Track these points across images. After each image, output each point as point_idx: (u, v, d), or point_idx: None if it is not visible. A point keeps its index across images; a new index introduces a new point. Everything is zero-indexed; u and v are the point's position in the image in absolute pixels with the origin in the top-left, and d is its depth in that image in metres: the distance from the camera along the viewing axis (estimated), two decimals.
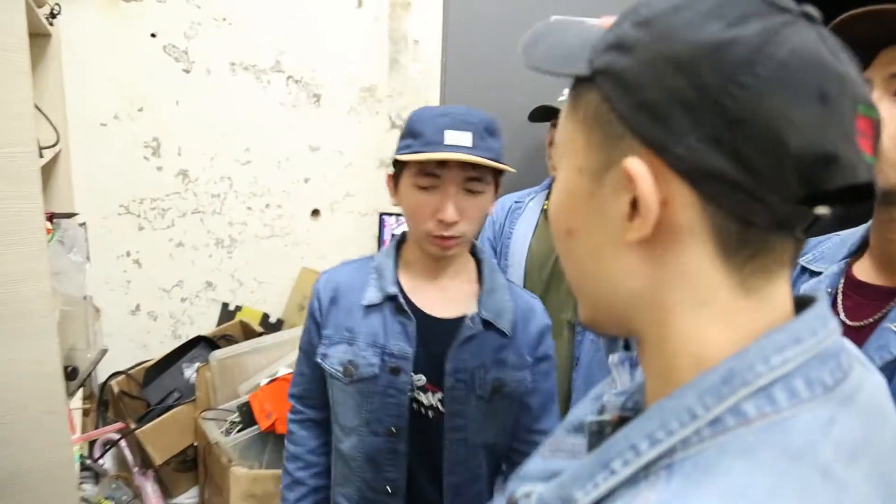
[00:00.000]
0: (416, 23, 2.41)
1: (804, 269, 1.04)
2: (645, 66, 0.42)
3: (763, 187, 0.40)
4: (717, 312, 0.44)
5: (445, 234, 1.09)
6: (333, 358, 1.17)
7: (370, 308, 1.17)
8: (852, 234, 0.99)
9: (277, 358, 1.98)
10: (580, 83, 0.47)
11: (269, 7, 2.25)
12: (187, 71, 2.21)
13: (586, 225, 0.48)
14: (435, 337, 1.15)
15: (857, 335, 0.87)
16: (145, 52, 2.15)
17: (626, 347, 0.62)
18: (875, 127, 0.42)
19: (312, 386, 1.26)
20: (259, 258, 2.43)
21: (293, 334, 2.01)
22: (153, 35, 2.15)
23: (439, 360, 1.14)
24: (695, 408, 0.41)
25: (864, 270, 0.94)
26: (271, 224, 2.42)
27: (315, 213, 2.47)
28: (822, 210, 0.42)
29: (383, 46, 2.41)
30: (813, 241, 1.08)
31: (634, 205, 0.43)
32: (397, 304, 1.16)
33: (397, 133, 2.48)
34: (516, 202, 1.86)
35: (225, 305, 2.44)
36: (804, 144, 0.39)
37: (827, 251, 1.03)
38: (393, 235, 2.24)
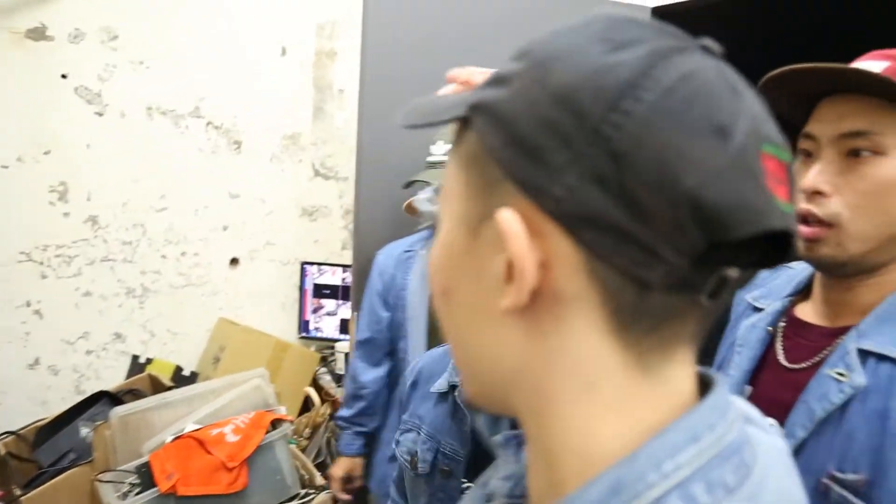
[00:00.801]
0: (342, 71, 2.42)
1: (750, 307, 0.98)
2: (519, 97, 0.37)
3: (657, 237, 0.34)
4: (608, 399, 0.37)
5: None
6: (403, 446, 1.05)
7: (439, 396, 1.04)
8: (800, 272, 0.94)
9: (186, 413, 1.86)
10: (463, 125, 0.42)
11: (189, 52, 2.22)
12: (100, 114, 2.14)
13: (462, 285, 0.41)
14: None
15: (795, 378, 0.82)
16: (55, 94, 2.07)
17: (514, 426, 0.56)
18: (788, 171, 0.37)
19: None
20: (173, 308, 2.32)
21: (203, 388, 1.91)
22: (64, 76, 2.08)
23: None
24: None
25: (808, 311, 0.88)
26: (187, 273, 2.32)
27: (234, 261, 2.39)
28: (730, 271, 0.36)
29: (308, 94, 2.40)
30: (764, 275, 1.02)
31: (510, 268, 0.36)
32: (456, 395, 1.03)
33: (321, 181, 2.46)
34: (406, 251, 1.77)
35: (135, 358, 2.31)
36: (701, 184, 0.33)
37: (775, 288, 0.97)
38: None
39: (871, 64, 0.78)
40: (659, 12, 2.02)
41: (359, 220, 1.97)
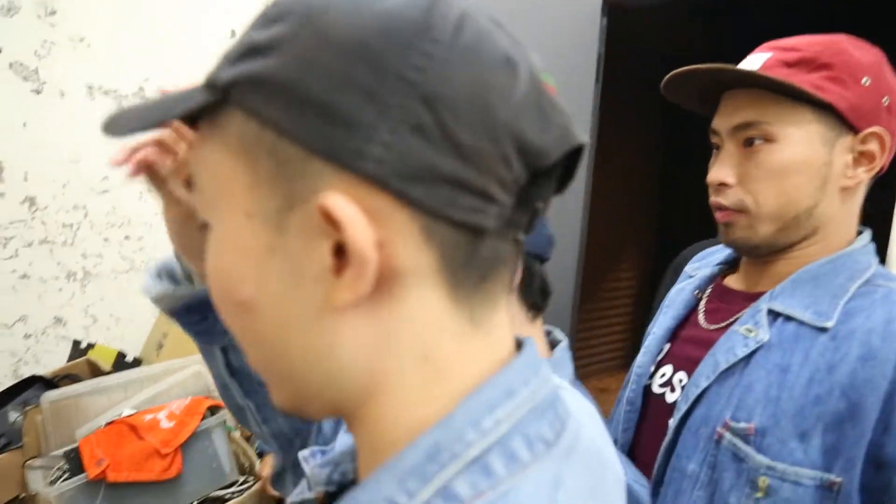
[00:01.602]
0: None
1: (688, 276, 1.04)
2: (296, 60, 0.32)
3: (487, 176, 0.33)
4: (442, 365, 0.36)
5: None
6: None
7: None
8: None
9: (122, 399, 1.82)
10: (212, 112, 0.36)
11: (133, 30, 2.16)
12: (37, 91, 2.07)
13: (270, 290, 0.35)
14: None
15: (710, 336, 0.87)
16: None
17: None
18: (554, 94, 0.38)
19: None
20: (116, 293, 2.27)
21: (140, 374, 1.87)
22: None
23: None
24: (396, 497, 0.33)
25: (733, 280, 0.94)
26: (130, 257, 2.27)
27: None
28: (539, 203, 0.37)
29: None
30: (704, 251, 1.10)
31: (338, 251, 0.33)
32: None
33: None
34: None
35: (76, 343, 2.25)
36: (514, 115, 0.33)
37: (710, 259, 1.03)
38: None
39: (756, 57, 0.82)
40: (609, 4, 2.01)
41: None
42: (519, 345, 0.40)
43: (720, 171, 0.83)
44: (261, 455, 1.81)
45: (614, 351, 4.21)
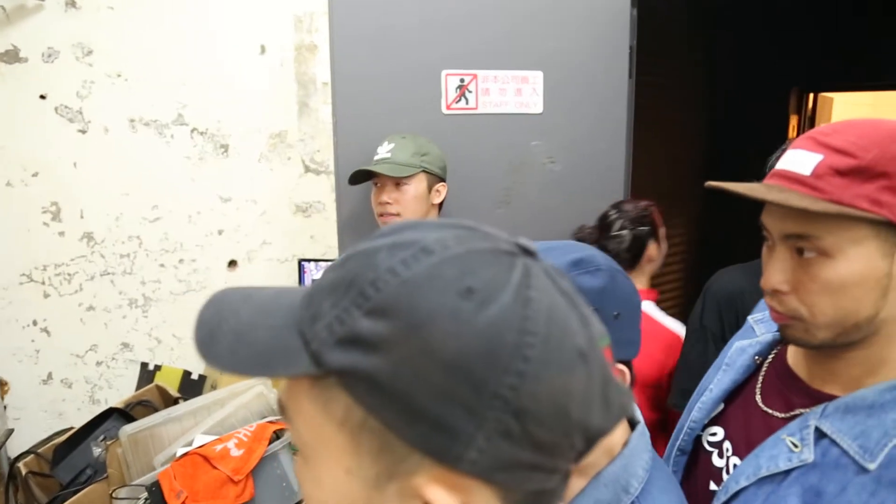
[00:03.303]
0: (324, 65, 2.38)
1: (750, 328, 1.00)
2: (403, 367, 0.36)
3: (557, 460, 0.40)
4: None
5: None
6: None
7: None
8: None
9: (193, 425, 1.92)
10: (313, 377, 0.40)
11: (166, 60, 2.19)
12: (83, 131, 2.13)
13: None
14: None
15: (765, 422, 0.85)
16: (35, 116, 2.07)
17: None
18: (610, 351, 0.45)
19: None
20: (176, 314, 2.36)
21: (207, 400, 1.96)
22: (42, 97, 2.07)
23: None
24: None
25: (796, 354, 0.89)
26: (186, 279, 2.36)
27: (232, 263, 2.41)
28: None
29: (291, 91, 2.37)
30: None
31: None
32: None
33: (311, 177, 2.45)
34: None
35: (144, 365, 2.37)
36: (585, 411, 0.39)
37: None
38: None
39: (804, 157, 0.75)
40: None
41: (341, 216, 1.98)
42: None
43: (773, 276, 0.79)
44: None
45: None
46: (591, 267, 0.78)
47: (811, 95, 4.39)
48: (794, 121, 4.27)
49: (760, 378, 0.92)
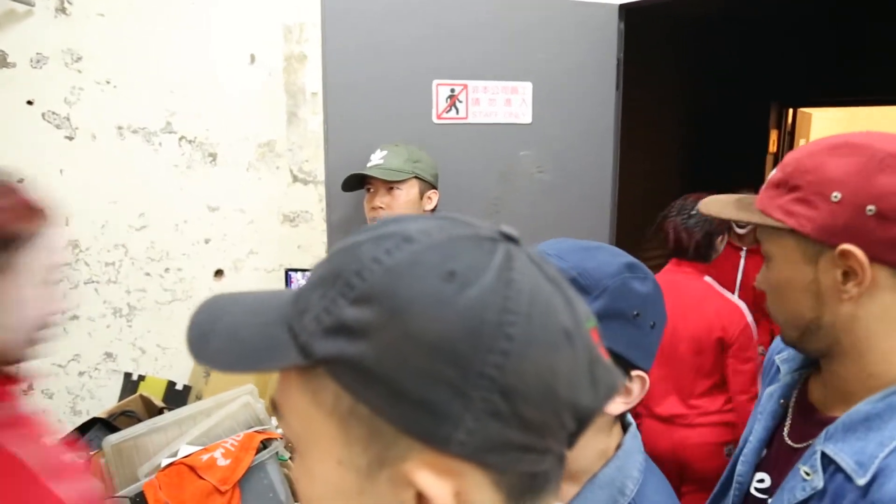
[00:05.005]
0: (313, 75, 2.39)
1: (777, 368, 1.02)
2: (387, 351, 0.37)
3: (548, 440, 0.40)
4: None
5: None
6: None
7: None
8: None
9: (178, 435, 1.89)
10: (301, 368, 0.40)
11: (155, 67, 2.19)
12: (70, 138, 2.12)
13: None
14: None
15: (794, 456, 0.86)
16: (22, 121, 2.05)
17: None
18: (598, 332, 0.45)
19: None
20: (161, 324, 2.34)
21: (192, 410, 1.94)
22: (30, 102, 2.06)
23: None
24: None
25: (815, 389, 0.91)
26: (172, 288, 2.34)
27: (218, 273, 2.40)
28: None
29: (280, 100, 2.38)
30: None
31: (420, 497, 0.39)
32: None
33: (299, 187, 2.45)
34: None
35: (128, 375, 2.34)
36: (573, 390, 0.39)
37: (795, 352, 0.99)
38: None
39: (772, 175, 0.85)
40: (627, 8, 1.98)
41: (331, 225, 1.98)
42: None
43: (758, 278, 0.89)
44: None
45: None
46: (641, 273, 0.80)
47: (790, 111, 4.48)
48: (773, 135, 4.36)
49: (788, 419, 0.93)
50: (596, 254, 0.80)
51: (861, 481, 0.72)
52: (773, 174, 0.83)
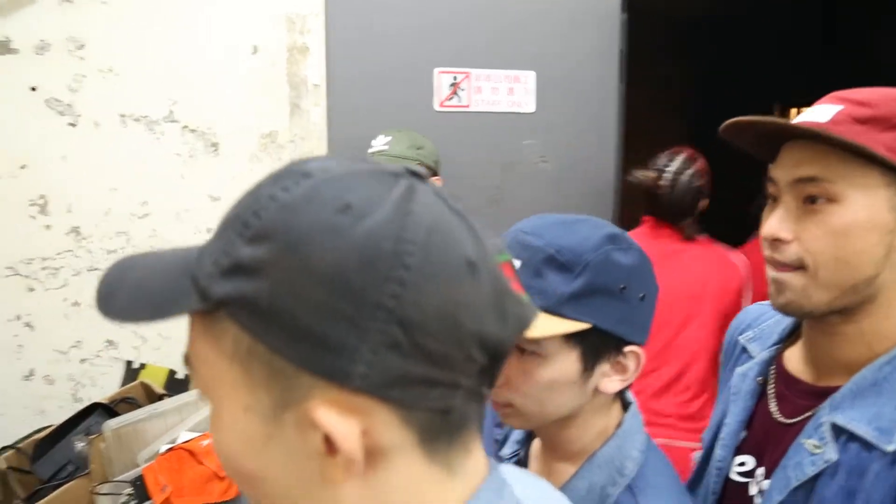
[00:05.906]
0: (316, 66, 2.39)
1: (743, 349, 0.98)
2: (282, 288, 0.36)
3: (455, 373, 0.39)
4: None
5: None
6: None
7: None
8: (786, 318, 0.92)
9: (178, 422, 1.90)
10: (203, 314, 0.40)
11: (159, 56, 2.19)
12: (73, 125, 2.12)
13: (273, 469, 0.41)
14: None
15: (789, 432, 0.82)
16: (25, 107, 2.06)
17: None
18: (511, 267, 0.43)
19: None
20: None
21: (192, 397, 1.94)
22: (33, 89, 2.06)
23: None
24: None
25: (795, 361, 0.88)
26: None
27: None
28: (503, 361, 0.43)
29: (283, 91, 2.38)
30: (754, 312, 1.01)
31: (328, 441, 0.38)
32: None
33: None
34: None
35: (129, 363, 2.34)
36: (478, 321, 0.38)
37: (765, 329, 0.96)
38: None
39: (824, 108, 0.75)
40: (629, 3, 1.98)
41: None
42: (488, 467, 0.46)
43: (775, 224, 0.77)
44: None
45: None
46: (624, 244, 0.76)
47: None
48: None
49: (771, 394, 0.89)
50: (576, 228, 0.76)
51: (890, 447, 0.69)
52: (845, 109, 0.73)
